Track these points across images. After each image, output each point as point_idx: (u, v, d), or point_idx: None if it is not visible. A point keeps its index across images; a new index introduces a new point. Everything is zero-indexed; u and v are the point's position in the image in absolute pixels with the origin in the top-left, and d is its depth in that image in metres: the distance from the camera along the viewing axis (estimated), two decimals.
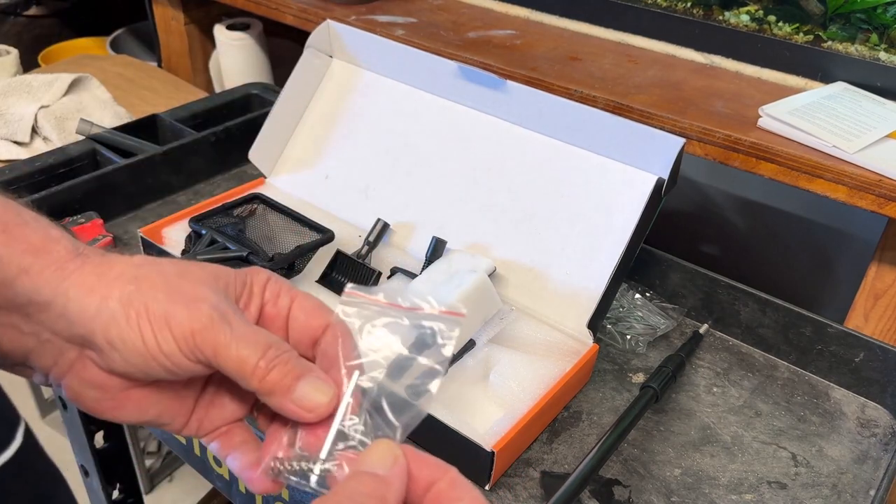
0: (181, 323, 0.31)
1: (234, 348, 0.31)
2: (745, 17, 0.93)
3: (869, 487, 0.59)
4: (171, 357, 0.31)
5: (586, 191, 0.67)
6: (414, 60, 0.76)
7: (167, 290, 0.32)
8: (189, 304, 0.31)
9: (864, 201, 0.74)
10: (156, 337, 0.31)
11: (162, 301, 0.31)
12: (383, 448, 0.30)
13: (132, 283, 0.32)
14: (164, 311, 0.31)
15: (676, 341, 0.72)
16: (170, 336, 0.31)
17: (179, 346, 0.31)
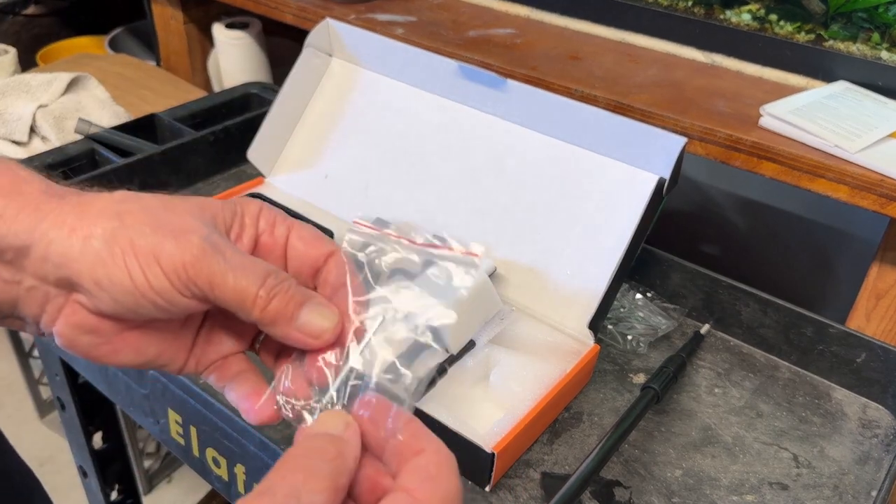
0: (171, 256, 0.29)
1: (231, 278, 0.30)
2: (747, 15, 0.93)
3: (871, 488, 0.58)
4: (163, 294, 0.30)
5: (587, 190, 0.67)
6: (414, 59, 0.76)
7: (153, 224, 0.30)
8: (178, 236, 0.30)
9: (866, 201, 0.73)
10: (144, 273, 0.29)
11: (148, 235, 0.29)
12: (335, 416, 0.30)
13: (115, 219, 0.30)
14: (151, 246, 0.29)
15: (677, 342, 0.72)
16: (160, 271, 0.29)
17: (171, 280, 0.29)
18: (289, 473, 0.26)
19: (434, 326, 0.31)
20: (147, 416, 0.68)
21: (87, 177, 0.82)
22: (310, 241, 0.34)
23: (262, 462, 0.56)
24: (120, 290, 0.29)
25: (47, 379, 0.94)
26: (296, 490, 0.25)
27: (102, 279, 0.29)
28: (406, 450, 0.29)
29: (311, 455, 0.27)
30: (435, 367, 0.31)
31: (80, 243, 0.29)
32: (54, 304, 0.31)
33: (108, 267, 0.29)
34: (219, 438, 0.59)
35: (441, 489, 0.28)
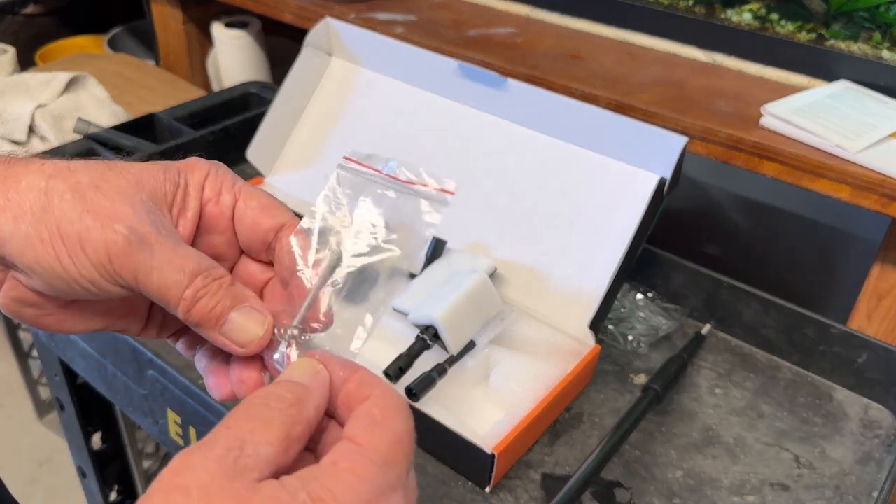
0: (96, 247, 0.28)
1: (155, 276, 0.28)
2: (748, 15, 0.93)
3: (872, 489, 0.58)
4: (94, 282, 0.29)
5: (588, 190, 0.67)
6: (414, 59, 0.76)
7: (81, 207, 0.28)
8: (104, 224, 0.28)
9: (868, 201, 0.73)
10: (73, 260, 0.28)
11: (75, 221, 0.28)
12: (304, 363, 0.29)
13: (42, 198, 0.28)
14: (77, 233, 0.28)
15: (678, 342, 0.71)
16: (87, 261, 0.28)
17: (98, 271, 0.28)
18: (236, 423, 0.25)
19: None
20: (146, 417, 0.68)
21: None
22: (260, 210, 0.32)
23: None
24: (51, 275, 0.29)
25: (46, 379, 0.94)
26: (240, 441, 0.24)
27: (33, 264, 0.28)
28: (353, 399, 0.28)
29: (266, 402, 0.26)
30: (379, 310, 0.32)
31: (11, 226, 0.28)
32: None
33: (37, 251, 0.28)
34: None
35: (387, 433, 0.26)
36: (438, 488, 0.56)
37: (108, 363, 0.69)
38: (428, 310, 0.58)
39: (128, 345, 0.64)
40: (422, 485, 0.56)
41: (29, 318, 0.31)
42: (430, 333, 0.58)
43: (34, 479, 1.42)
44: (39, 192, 0.28)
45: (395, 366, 0.56)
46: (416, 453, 0.58)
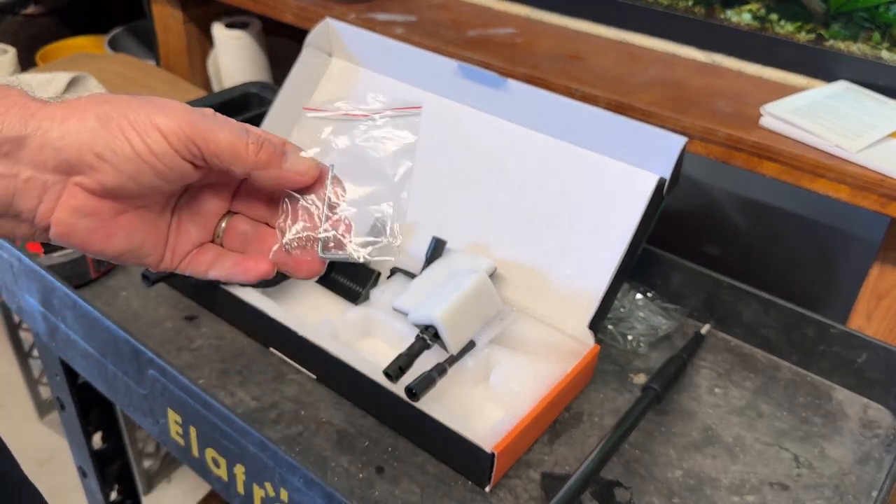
0: (167, 122, 0.33)
1: (223, 134, 0.34)
2: (747, 15, 0.93)
3: (871, 489, 0.58)
4: (163, 157, 0.33)
5: (587, 190, 0.67)
6: (414, 59, 0.76)
7: (139, 103, 0.34)
8: (166, 109, 0.34)
9: (867, 201, 0.73)
10: (144, 140, 0.33)
11: (139, 110, 0.33)
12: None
13: (105, 104, 0.33)
14: (146, 116, 0.33)
15: (678, 342, 0.72)
16: (159, 136, 0.33)
17: (170, 142, 0.33)
18: None
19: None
20: (146, 417, 0.68)
21: None
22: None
23: (262, 462, 0.56)
24: (122, 158, 0.33)
25: (47, 379, 0.94)
26: None
27: (104, 151, 0.32)
28: None
29: None
30: None
31: (77, 125, 0.32)
32: (52, 191, 0.33)
33: (108, 139, 0.32)
34: (218, 439, 0.59)
35: None
36: (438, 487, 0.56)
37: (108, 363, 0.69)
38: (428, 310, 0.58)
39: (128, 345, 0.64)
40: (422, 484, 0.56)
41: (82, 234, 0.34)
42: (430, 333, 0.58)
43: (35, 478, 1.41)
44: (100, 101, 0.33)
45: (395, 365, 0.56)
46: (417, 452, 0.59)
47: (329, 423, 0.61)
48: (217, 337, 0.69)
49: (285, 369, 0.66)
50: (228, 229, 0.39)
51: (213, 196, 0.39)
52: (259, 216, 0.40)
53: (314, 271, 0.39)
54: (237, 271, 0.39)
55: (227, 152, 0.35)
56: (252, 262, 0.39)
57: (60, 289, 0.68)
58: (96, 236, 0.35)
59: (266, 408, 0.62)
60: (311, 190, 0.38)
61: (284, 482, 0.55)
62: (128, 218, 0.35)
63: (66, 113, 0.33)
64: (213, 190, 0.39)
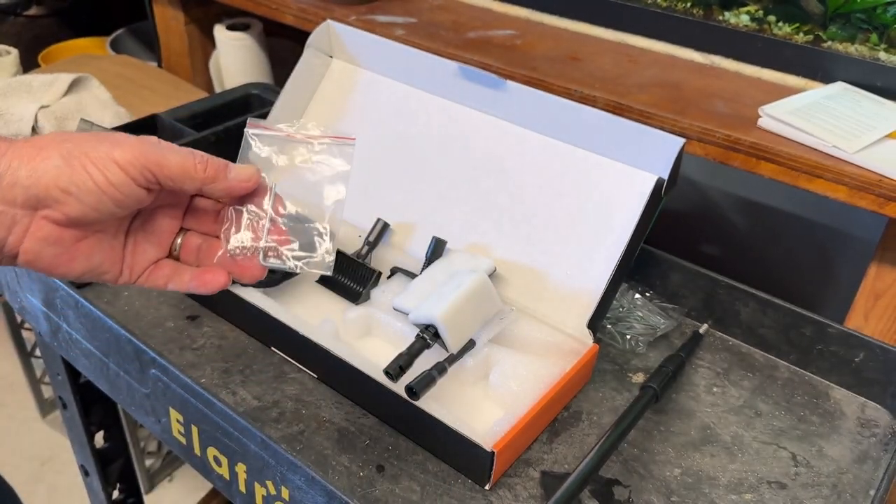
0: (124, 154, 0.38)
1: (173, 158, 0.40)
2: (745, 16, 0.93)
3: (869, 487, 0.59)
4: (121, 187, 0.38)
5: (586, 191, 0.67)
6: (414, 60, 0.76)
7: (97, 140, 0.38)
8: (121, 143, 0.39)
9: (865, 201, 0.74)
10: (104, 173, 0.38)
11: (99, 147, 0.38)
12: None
13: (67, 143, 0.38)
14: (105, 152, 0.38)
15: (676, 341, 0.72)
16: (117, 168, 0.38)
17: (128, 172, 0.38)
18: None
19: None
20: (148, 416, 0.68)
21: None
22: None
23: (264, 461, 0.56)
24: (85, 191, 0.37)
25: (49, 378, 0.94)
26: None
27: (69, 186, 0.37)
28: None
29: None
30: None
31: (44, 164, 0.37)
32: (21, 224, 0.38)
33: (72, 175, 0.37)
34: (220, 437, 0.60)
35: None
36: (438, 486, 0.56)
37: (110, 362, 0.69)
38: (428, 309, 0.59)
39: (130, 344, 0.64)
40: (422, 482, 0.57)
41: (47, 260, 0.39)
42: (430, 332, 0.59)
43: (37, 477, 1.42)
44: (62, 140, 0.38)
45: (396, 364, 0.56)
46: (417, 451, 0.59)
47: (330, 422, 0.61)
48: (218, 336, 0.69)
49: (286, 368, 0.66)
50: (184, 245, 0.44)
51: (165, 216, 0.43)
52: (209, 230, 0.45)
53: (256, 276, 0.44)
54: (196, 284, 0.43)
55: (179, 173, 0.40)
56: (210, 275, 0.43)
57: (63, 288, 0.69)
58: (60, 261, 0.39)
59: (267, 407, 0.62)
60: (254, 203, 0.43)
61: (285, 481, 0.55)
62: (87, 243, 0.40)
63: (33, 152, 0.37)
64: (165, 211, 0.43)
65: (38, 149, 0.37)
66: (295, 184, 0.43)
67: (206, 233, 0.45)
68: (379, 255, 0.73)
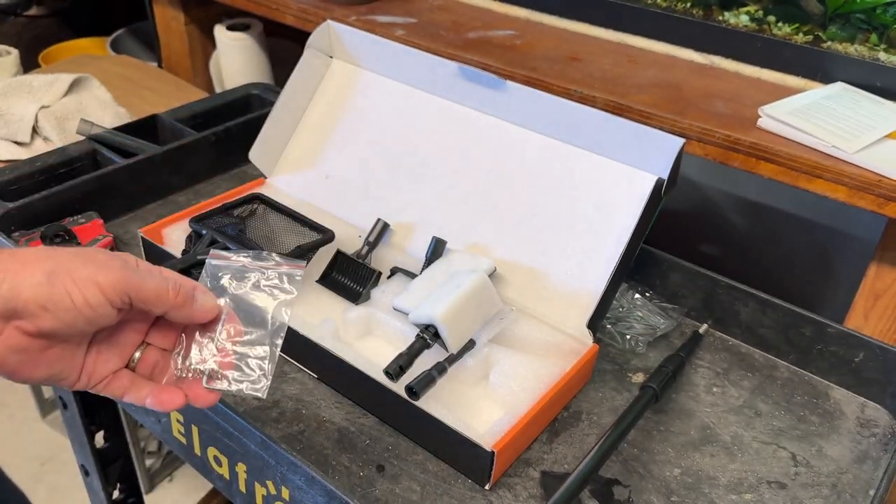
0: (107, 279, 0.40)
1: (151, 284, 0.42)
2: (745, 17, 0.93)
3: (868, 487, 0.59)
4: (97, 308, 0.40)
5: (586, 191, 0.67)
6: (414, 61, 0.76)
7: (82, 261, 0.41)
8: (104, 267, 0.41)
9: (864, 201, 0.74)
10: (84, 295, 0.40)
11: (83, 269, 0.40)
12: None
13: (50, 260, 0.40)
14: (88, 276, 0.40)
15: (676, 341, 0.72)
16: (97, 291, 0.40)
17: (106, 295, 0.40)
18: None
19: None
20: (148, 416, 0.68)
21: (89, 177, 0.82)
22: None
23: (264, 461, 0.56)
24: (62, 310, 0.39)
25: None
26: None
27: (48, 303, 0.39)
28: None
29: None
30: None
31: (28, 280, 0.39)
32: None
33: (52, 294, 0.39)
34: (220, 437, 0.60)
35: None
36: (438, 486, 0.56)
37: None
38: (428, 309, 0.59)
39: None
40: (422, 482, 0.57)
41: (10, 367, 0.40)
42: (430, 332, 0.59)
43: (37, 477, 1.43)
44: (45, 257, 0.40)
45: (396, 364, 0.56)
46: (417, 451, 0.59)
47: (330, 422, 0.61)
48: None
49: (287, 368, 0.66)
50: (142, 359, 0.46)
51: (131, 330, 0.46)
52: (169, 346, 0.47)
53: (207, 402, 0.46)
54: (153, 402, 0.45)
55: (153, 298, 0.43)
56: (167, 395, 0.45)
57: None
58: (24, 367, 0.41)
59: (267, 406, 0.62)
60: (207, 328, 0.46)
61: (285, 480, 0.55)
62: (52, 352, 0.41)
63: (18, 268, 0.39)
64: (132, 325, 0.46)
65: (24, 264, 0.39)
66: (245, 309, 0.47)
67: (165, 348, 0.47)
68: (379, 255, 0.73)
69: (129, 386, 0.46)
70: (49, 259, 0.40)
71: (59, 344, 0.42)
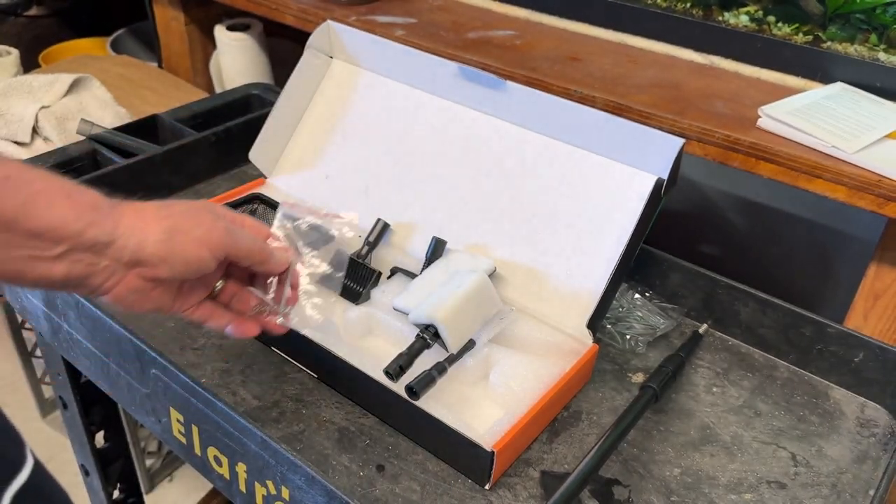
0: (213, 239, 0.49)
1: (245, 244, 0.52)
2: (745, 17, 0.93)
3: (868, 487, 0.59)
4: (203, 262, 0.49)
5: (586, 191, 0.67)
6: (414, 61, 0.76)
7: (195, 222, 0.49)
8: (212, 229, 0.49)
9: (864, 201, 0.74)
10: (196, 253, 0.48)
11: (195, 230, 0.48)
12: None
13: (169, 219, 0.48)
14: (199, 236, 0.48)
15: (676, 341, 0.72)
16: (206, 250, 0.49)
17: (213, 253, 0.49)
18: None
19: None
20: (149, 416, 0.68)
21: (89, 177, 0.82)
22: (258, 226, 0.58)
23: (264, 461, 0.56)
24: (177, 263, 0.48)
25: (49, 378, 0.94)
26: None
27: (166, 257, 0.47)
28: None
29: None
30: None
31: (151, 237, 0.46)
32: (117, 276, 0.46)
33: (170, 250, 0.47)
34: (220, 437, 0.60)
35: None
36: (438, 486, 0.57)
37: (111, 362, 0.69)
38: (428, 309, 0.59)
39: (131, 344, 0.64)
40: (422, 482, 0.57)
41: (128, 302, 0.48)
42: (430, 332, 0.59)
43: None
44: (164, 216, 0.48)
45: (396, 364, 0.56)
46: (417, 451, 0.59)
47: (330, 422, 0.61)
48: (219, 336, 0.69)
49: (287, 368, 0.66)
50: (222, 290, 0.55)
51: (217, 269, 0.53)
52: (244, 280, 0.56)
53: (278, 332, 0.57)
54: (233, 329, 0.55)
55: (244, 255, 0.52)
56: (246, 325, 0.55)
57: None
58: (136, 303, 0.49)
59: (267, 406, 0.62)
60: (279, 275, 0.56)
61: (286, 480, 0.55)
62: (159, 290, 0.49)
63: (143, 225, 0.46)
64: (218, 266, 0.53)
65: (146, 222, 0.47)
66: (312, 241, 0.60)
67: (240, 282, 0.56)
68: (379, 255, 0.73)
69: (210, 314, 0.54)
70: (168, 218, 0.48)
71: (166, 284, 0.50)
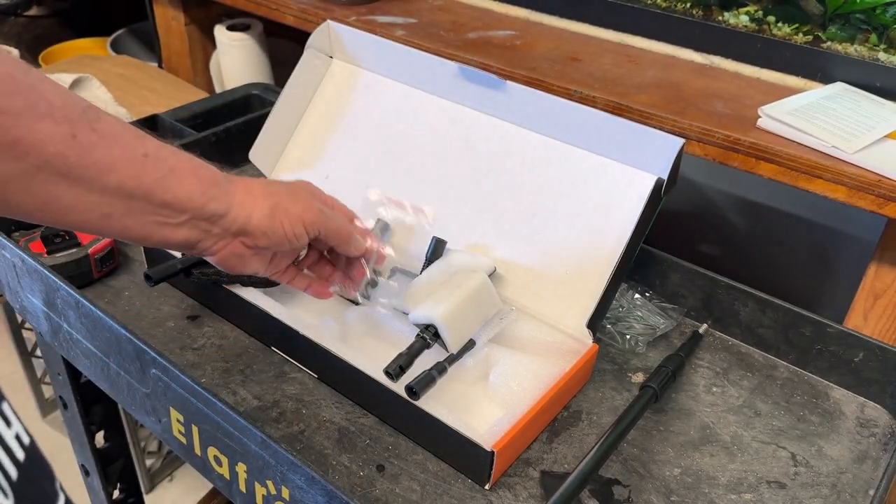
0: (310, 217, 0.55)
1: (335, 225, 0.58)
2: (745, 17, 0.93)
3: (868, 487, 0.59)
4: (299, 238, 0.55)
5: (586, 191, 0.67)
6: (414, 61, 0.76)
7: (294, 201, 0.55)
8: (309, 208, 0.56)
9: (864, 201, 0.74)
10: (294, 229, 0.55)
11: (295, 207, 0.55)
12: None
13: (272, 197, 0.54)
14: (298, 214, 0.55)
15: (676, 341, 0.72)
16: (302, 227, 0.55)
17: (308, 230, 0.56)
18: None
19: None
20: (149, 415, 0.68)
21: None
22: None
23: (264, 461, 0.56)
24: (277, 236, 0.54)
25: (50, 378, 0.94)
26: None
27: (268, 231, 0.54)
28: None
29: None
30: None
31: (257, 212, 0.53)
32: (224, 242, 0.53)
33: (272, 225, 0.54)
34: (220, 437, 0.60)
35: None
36: (438, 486, 0.57)
37: (111, 362, 0.69)
38: (428, 309, 0.59)
39: (131, 344, 0.64)
40: (422, 482, 0.57)
41: (228, 264, 0.54)
42: (430, 332, 0.59)
43: None
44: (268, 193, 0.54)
45: (396, 364, 0.56)
46: (417, 451, 0.59)
47: (330, 422, 0.61)
48: (219, 336, 0.69)
49: (287, 368, 0.66)
50: (305, 258, 0.63)
51: None
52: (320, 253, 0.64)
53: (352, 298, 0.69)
54: (312, 291, 0.63)
55: (335, 236, 0.59)
56: (324, 290, 0.63)
57: (63, 289, 0.69)
58: (237, 266, 0.55)
59: (267, 406, 0.62)
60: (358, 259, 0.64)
61: (286, 480, 0.55)
62: (257, 257, 0.56)
63: (251, 200, 0.53)
64: None
65: (254, 198, 0.53)
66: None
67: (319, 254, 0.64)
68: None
69: (293, 277, 0.61)
70: (272, 196, 0.54)
71: (264, 253, 0.56)
